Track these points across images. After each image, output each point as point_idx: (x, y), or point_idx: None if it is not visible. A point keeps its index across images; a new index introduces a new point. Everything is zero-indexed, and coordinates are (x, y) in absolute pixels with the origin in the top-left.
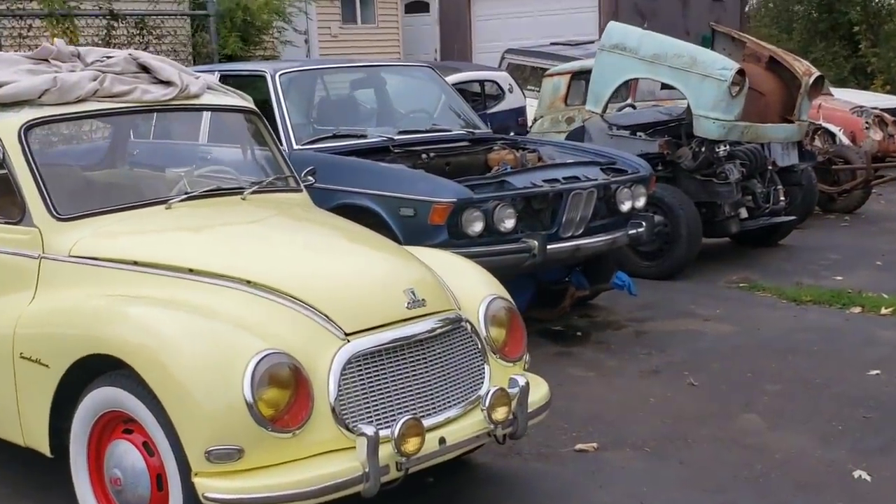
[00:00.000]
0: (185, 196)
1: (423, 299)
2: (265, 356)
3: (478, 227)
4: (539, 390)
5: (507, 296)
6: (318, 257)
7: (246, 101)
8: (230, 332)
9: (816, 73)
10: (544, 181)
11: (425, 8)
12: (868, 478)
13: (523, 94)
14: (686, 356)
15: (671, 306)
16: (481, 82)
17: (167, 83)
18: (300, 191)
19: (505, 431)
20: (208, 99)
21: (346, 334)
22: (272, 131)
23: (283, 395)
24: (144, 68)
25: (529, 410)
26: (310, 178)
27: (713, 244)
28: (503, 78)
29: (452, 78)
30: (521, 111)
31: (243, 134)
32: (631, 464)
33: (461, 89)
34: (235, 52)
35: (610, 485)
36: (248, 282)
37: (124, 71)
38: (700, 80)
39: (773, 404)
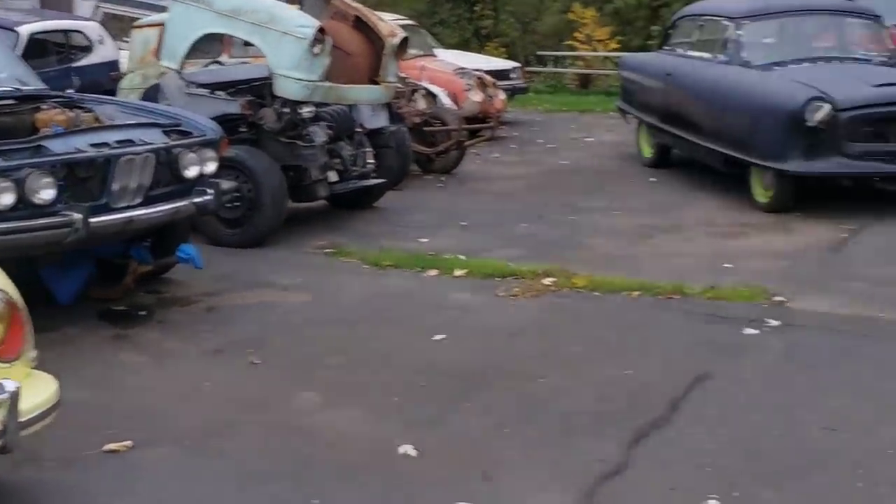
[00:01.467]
0: None
1: None
2: None
3: (7, 199)
4: (43, 392)
5: (4, 285)
6: None
7: None
8: None
9: (402, 34)
10: (91, 145)
11: None
12: (414, 453)
13: (118, 46)
14: (255, 332)
15: (250, 277)
16: (66, 32)
17: None
18: None
19: None
20: None
21: None
22: None
23: None
24: None
25: (26, 418)
26: None
27: (305, 208)
28: (92, 28)
29: (31, 27)
30: (113, 65)
31: None
32: (166, 461)
33: (42, 40)
34: None
35: (135, 489)
36: None
37: None
38: (279, 38)
39: (334, 380)
